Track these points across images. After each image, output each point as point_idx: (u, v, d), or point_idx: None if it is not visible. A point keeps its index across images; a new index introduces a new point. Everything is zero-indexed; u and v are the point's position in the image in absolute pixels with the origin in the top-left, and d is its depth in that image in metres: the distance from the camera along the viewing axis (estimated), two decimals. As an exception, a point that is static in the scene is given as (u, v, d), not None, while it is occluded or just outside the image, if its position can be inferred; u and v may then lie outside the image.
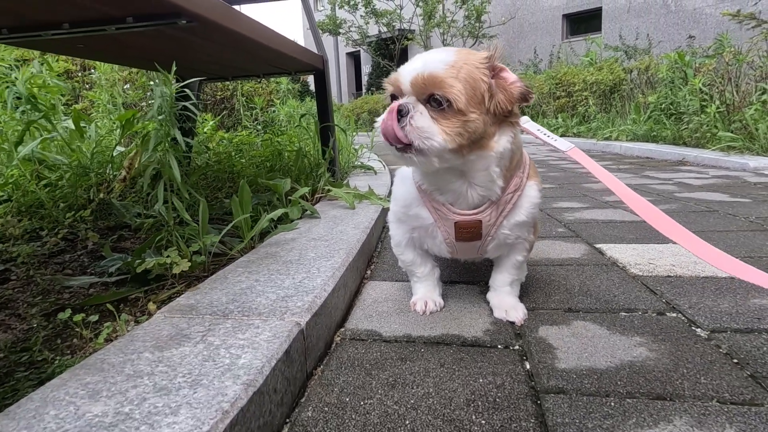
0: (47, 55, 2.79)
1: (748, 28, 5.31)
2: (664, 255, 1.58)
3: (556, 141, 1.13)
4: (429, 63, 0.92)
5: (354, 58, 23.65)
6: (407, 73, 0.94)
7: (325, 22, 15.45)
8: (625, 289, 1.29)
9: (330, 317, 1.05)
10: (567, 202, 2.65)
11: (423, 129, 0.90)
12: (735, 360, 0.91)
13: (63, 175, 1.77)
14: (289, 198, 1.83)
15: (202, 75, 2.33)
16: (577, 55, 10.95)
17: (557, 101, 8.44)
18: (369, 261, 1.61)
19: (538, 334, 1.05)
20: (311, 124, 2.73)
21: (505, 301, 1.16)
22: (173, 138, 1.32)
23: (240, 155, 2.73)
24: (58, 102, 2.29)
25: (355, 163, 3.49)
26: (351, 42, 16.26)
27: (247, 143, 3.05)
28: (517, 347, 1.00)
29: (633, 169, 4.07)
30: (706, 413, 0.76)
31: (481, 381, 0.87)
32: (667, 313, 1.14)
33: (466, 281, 1.40)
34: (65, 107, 2.78)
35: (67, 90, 3.28)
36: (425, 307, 1.18)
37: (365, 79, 20.57)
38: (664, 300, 1.22)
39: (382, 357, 0.97)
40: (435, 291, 1.22)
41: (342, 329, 1.11)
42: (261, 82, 5.03)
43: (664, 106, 5.89)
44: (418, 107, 0.92)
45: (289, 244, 1.41)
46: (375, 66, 17.71)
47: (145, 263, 1.12)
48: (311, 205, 1.83)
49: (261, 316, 0.90)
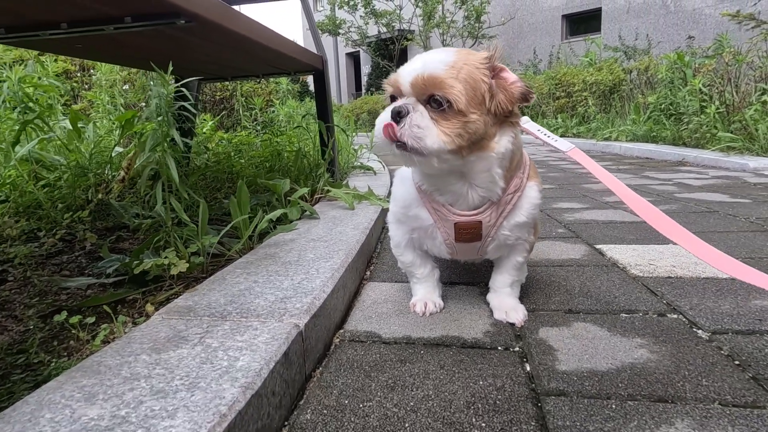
0: (46, 56, 2.79)
1: (747, 28, 5.32)
2: (664, 256, 1.58)
3: (556, 141, 1.13)
4: (429, 63, 0.92)
5: (353, 58, 23.65)
6: (407, 74, 0.93)
7: (325, 22, 15.44)
8: (626, 290, 1.29)
9: (329, 319, 1.05)
10: (567, 202, 2.65)
11: (420, 129, 0.89)
12: (737, 362, 0.91)
13: (61, 176, 1.76)
14: (288, 198, 1.83)
15: (201, 75, 2.32)
16: (577, 56, 10.95)
17: (557, 102, 8.44)
18: (368, 262, 1.61)
19: (538, 335, 1.05)
20: (311, 124, 2.73)
21: (505, 303, 1.15)
22: (172, 138, 1.32)
23: (239, 156, 2.72)
24: (55, 102, 2.28)
25: (355, 164, 3.48)
26: (350, 42, 16.26)
27: (247, 144, 3.04)
28: (518, 349, 0.99)
29: (633, 170, 4.06)
30: (708, 416, 0.75)
31: (481, 383, 0.86)
32: (668, 315, 1.13)
33: (465, 282, 1.40)
34: (64, 107, 2.77)
35: (65, 90, 3.27)
36: (425, 309, 1.17)
37: (365, 80, 20.56)
38: (664, 301, 1.21)
39: (381, 359, 0.96)
40: (435, 292, 1.22)
41: (341, 331, 1.10)
42: (260, 82, 5.02)
43: (663, 106, 5.89)
44: (418, 108, 0.91)
45: (288, 244, 1.40)
46: (374, 66, 17.71)
47: (143, 264, 1.11)
48: (310, 206, 1.83)
49: (259, 317, 0.89)
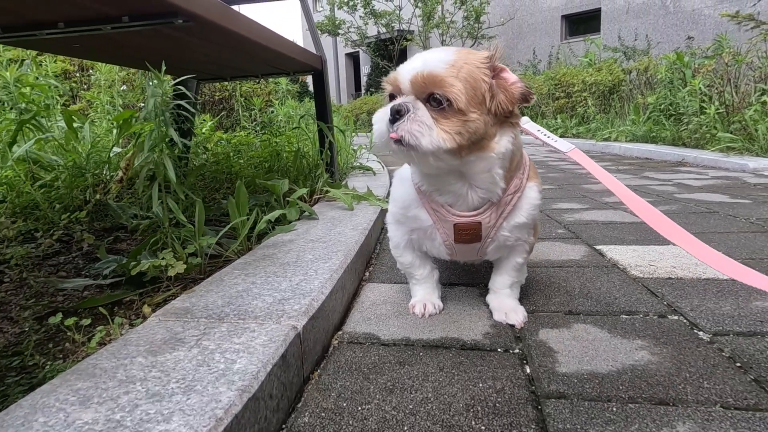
0: (44, 55, 2.78)
1: (746, 29, 5.31)
2: (664, 256, 1.57)
3: (556, 142, 1.12)
4: (429, 62, 0.91)
5: (353, 58, 23.64)
6: (407, 72, 0.92)
7: (325, 22, 15.44)
8: (626, 292, 1.28)
9: (327, 320, 1.04)
10: (567, 203, 2.64)
11: (420, 127, 0.88)
12: (738, 364, 0.90)
13: (58, 176, 1.75)
14: (287, 199, 1.82)
15: (199, 75, 2.32)
16: (576, 56, 10.95)
17: (556, 102, 8.43)
18: (367, 263, 1.60)
19: (538, 337, 1.04)
20: (310, 124, 2.72)
21: (505, 304, 1.15)
22: (170, 138, 1.31)
23: (238, 156, 2.71)
24: (54, 102, 2.27)
25: (354, 164, 3.48)
26: (350, 43, 16.25)
27: (246, 144, 3.03)
28: (517, 351, 0.99)
29: (632, 170, 4.06)
30: (709, 419, 0.74)
31: (481, 385, 0.86)
32: (669, 316, 1.12)
33: (465, 283, 1.39)
34: (63, 108, 2.76)
35: (64, 90, 3.26)
36: (424, 310, 1.16)
37: (364, 80, 20.55)
38: (665, 302, 1.20)
39: (380, 361, 0.96)
40: (434, 293, 1.21)
41: (340, 332, 1.10)
42: (260, 82, 5.02)
43: (663, 107, 5.89)
44: (418, 106, 0.90)
45: (287, 245, 1.40)
46: (374, 67, 17.69)
47: (140, 265, 1.11)
48: (309, 206, 1.82)
49: (257, 319, 0.88)
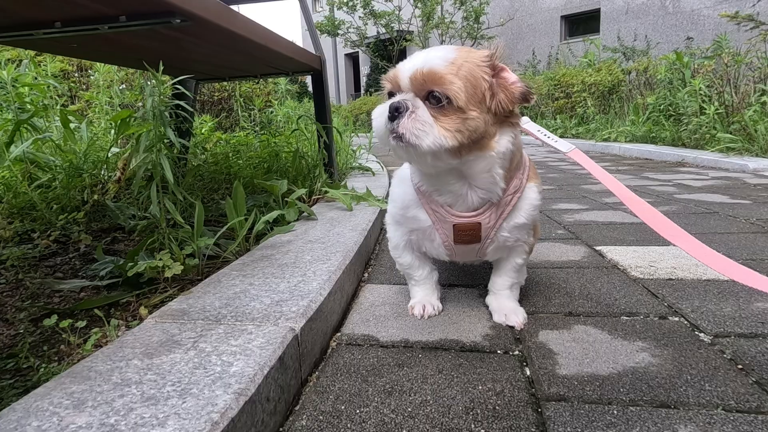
0: (43, 56, 2.77)
1: (746, 29, 5.31)
2: (665, 257, 1.56)
3: (556, 142, 1.11)
4: (429, 59, 0.90)
5: (352, 59, 23.64)
6: (406, 70, 0.91)
7: (324, 23, 15.42)
8: (626, 293, 1.27)
9: (326, 322, 1.03)
10: (566, 203, 2.64)
11: (422, 125, 0.87)
12: (740, 366, 0.89)
13: (56, 176, 1.74)
14: (286, 199, 1.81)
15: (198, 75, 2.31)
16: (576, 57, 10.95)
17: (556, 102, 8.43)
18: (366, 264, 1.59)
19: (538, 338, 1.03)
20: (309, 125, 2.71)
21: (505, 305, 1.14)
22: (168, 139, 1.30)
23: (237, 156, 2.70)
24: (53, 103, 2.27)
25: (353, 165, 3.47)
26: (349, 43, 16.23)
27: (245, 144, 3.02)
28: (517, 352, 0.98)
29: (632, 171, 4.05)
30: (711, 422, 0.73)
31: (480, 388, 0.85)
32: (669, 317, 1.12)
33: (464, 284, 1.38)
34: (62, 108, 2.75)
35: (63, 90, 3.25)
36: (423, 311, 1.15)
37: (364, 80, 20.55)
38: (665, 304, 1.20)
39: (379, 363, 0.95)
40: (433, 294, 1.20)
41: (338, 334, 1.09)
42: (259, 82, 5.01)
43: (662, 107, 5.88)
44: (417, 103, 0.89)
45: (285, 246, 1.39)
46: (373, 67, 17.69)
47: (137, 266, 1.10)
48: (308, 207, 1.81)
49: (254, 321, 0.87)
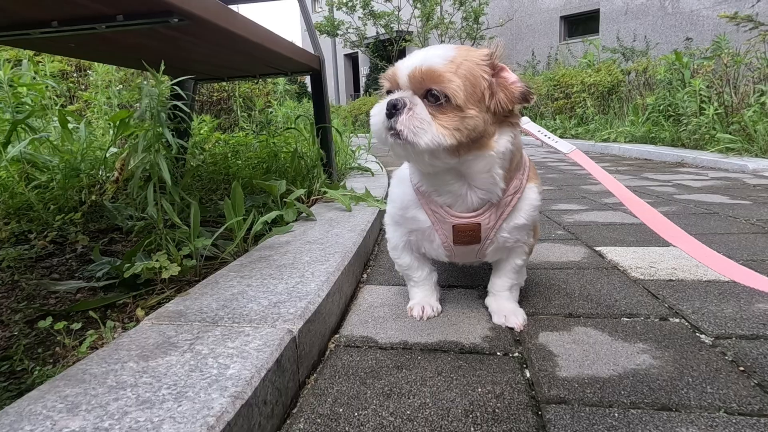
0: (42, 55, 2.76)
1: (745, 30, 5.30)
2: (665, 258, 1.56)
3: (557, 143, 1.11)
4: (428, 57, 0.89)
5: (352, 59, 23.63)
6: (405, 68, 0.91)
7: (323, 23, 15.42)
8: (627, 294, 1.27)
9: (324, 323, 1.02)
10: (566, 204, 2.63)
11: (420, 122, 0.86)
12: (741, 368, 0.89)
13: (53, 177, 1.73)
14: (285, 200, 1.80)
15: (196, 75, 2.30)
16: (575, 57, 10.95)
17: (555, 103, 8.43)
18: (365, 264, 1.58)
19: (538, 340, 1.03)
20: (308, 125, 2.70)
21: (504, 306, 1.13)
22: (166, 139, 1.29)
23: (236, 157, 2.69)
24: (51, 103, 2.25)
25: (353, 165, 3.46)
26: (349, 44, 16.23)
27: (244, 144, 3.01)
28: (517, 354, 0.97)
29: (632, 171, 4.05)
30: (713, 425, 0.73)
31: (480, 390, 0.84)
32: (670, 319, 1.11)
33: (464, 285, 1.37)
34: (61, 108, 2.74)
35: (61, 91, 3.24)
36: (422, 313, 1.15)
37: (363, 81, 20.55)
38: (666, 305, 1.19)
39: (377, 365, 0.94)
40: (432, 296, 1.19)
41: (336, 335, 1.08)
42: (258, 83, 5.00)
43: (662, 107, 5.87)
44: (415, 101, 0.89)
45: (284, 247, 1.38)
46: (373, 67, 17.68)
47: (134, 268, 1.09)
48: (307, 207, 1.80)
49: (252, 323, 0.87)
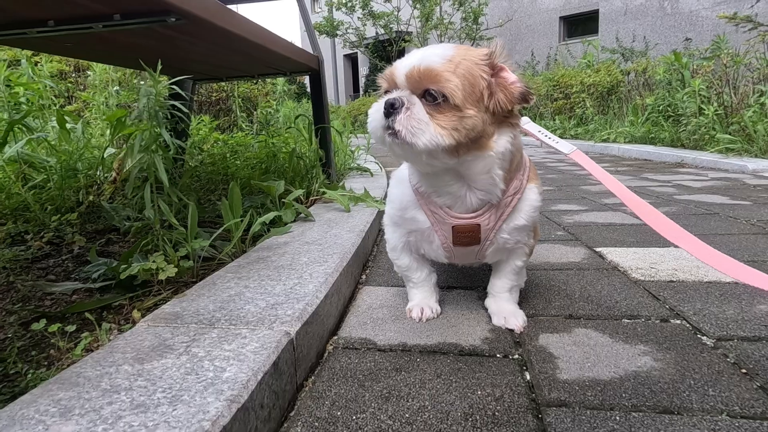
0: (40, 56, 2.75)
1: (744, 30, 5.30)
2: (665, 259, 1.55)
3: (557, 143, 1.10)
4: (426, 57, 0.88)
5: (351, 60, 23.63)
6: (403, 67, 0.90)
7: (323, 23, 15.41)
8: (627, 295, 1.26)
9: (322, 325, 1.01)
10: (566, 204, 2.62)
11: (418, 122, 0.86)
12: (743, 370, 0.88)
13: (50, 177, 1.72)
14: (283, 200, 1.79)
15: (195, 75, 2.29)
16: (574, 57, 10.95)
17: (555, 103, 8.43)
18: (364, 265, 1.57)
19: (538, 342, 1.02)
20: (307, 125, 2.69)
21: (504, 308, 1.12)
22: (163, 139, 1.28)
23: (235, 157, 2.69)
24: (49, 103, 2.24)
25: (352, 165, 3.45)
26: (348, 44, 16.23)
27: (243, 145, 3.01)
28: (517, 356, 0.96)
29: (631, 171, 4.04)
30: (716, 428, 0.72)
31: (480, 393, 0.83)
32: (671, 320, 1.10)
33: (463, 287, 1.36)
34: (60, 108, 2.73)
35: (59, 91, 3.23)
36: (421, 314, 1.14)
37: (362, 81, 20.54)
38: (667, 306, 1.18)
39: (376, 367, 0.93)
40: (432, 297, 1.18)
41: (335, 337, 1.07)
42: (257, 83, 4.99)
43: (661, 108, 5.87)
44: (413, 101, 0.88)
45: (282, 248, 1.37)
46: (372, 68, 17.67)
47: (130, 269, 1.08)
48: (305, 208, 1.79)
49: (249, 325, 0.86)
